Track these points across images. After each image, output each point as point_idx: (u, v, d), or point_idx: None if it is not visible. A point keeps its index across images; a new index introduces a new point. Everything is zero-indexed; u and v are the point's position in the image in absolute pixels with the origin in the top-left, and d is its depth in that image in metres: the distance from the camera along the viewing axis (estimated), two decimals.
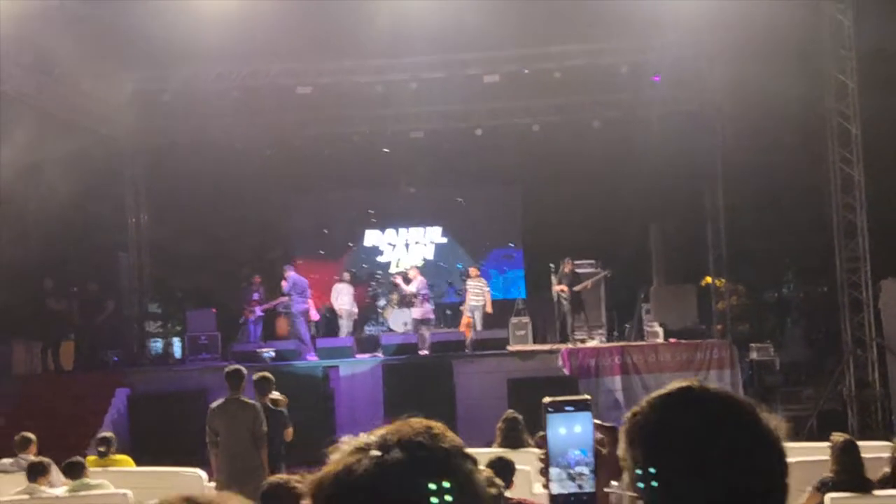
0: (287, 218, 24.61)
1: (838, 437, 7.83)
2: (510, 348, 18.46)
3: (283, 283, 19.56)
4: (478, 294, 19.90)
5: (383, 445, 1.48)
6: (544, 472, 1.89)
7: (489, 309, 19.82)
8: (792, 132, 18.51)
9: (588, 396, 1.89)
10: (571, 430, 1.88)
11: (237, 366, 10.84)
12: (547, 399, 1.92)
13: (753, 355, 18.96)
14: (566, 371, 17.17)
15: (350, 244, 24.18)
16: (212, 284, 22.85)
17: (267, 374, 11.07)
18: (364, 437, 1.50)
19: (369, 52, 17.54)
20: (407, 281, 20.03)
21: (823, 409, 16.01)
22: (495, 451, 8.22)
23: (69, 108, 18.84)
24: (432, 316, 19.84)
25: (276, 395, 11.28)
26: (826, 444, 7.90)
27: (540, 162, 22.08)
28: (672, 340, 18.22)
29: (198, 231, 22.87)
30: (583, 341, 18.85)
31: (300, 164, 22.60)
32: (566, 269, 19.46)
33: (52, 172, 18.74)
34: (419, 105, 20.00)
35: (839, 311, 16.41)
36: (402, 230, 24.24)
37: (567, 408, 1.90)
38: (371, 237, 24.27)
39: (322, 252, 23.86)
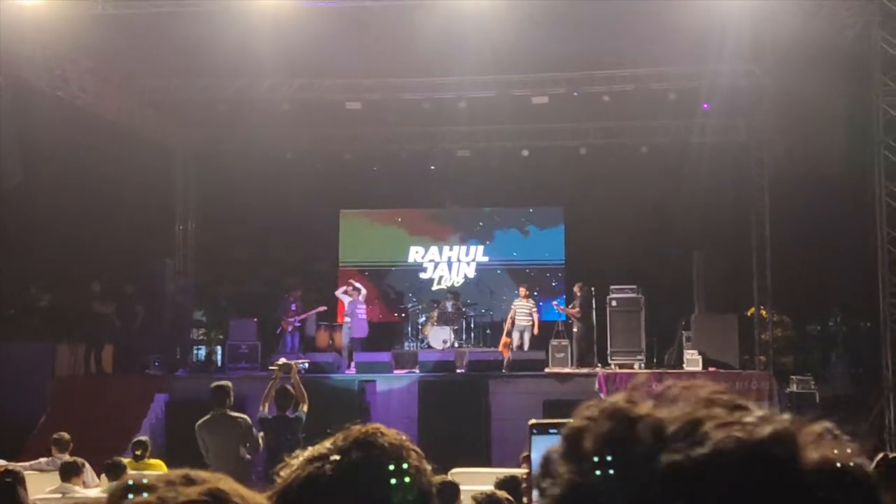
0: (334, 230, 24.69)
1: None
2: (548, 370, 18.41)
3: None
4: (526, 314, 19.93)
5: (341, 450, 1.57)
6: (527, 492, 1.91)
7: (536, 330, 19.84)
8: (839, 164, 18.30)
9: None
10: None
11: (223, 381, 10.84)
12: (532, 421, 1.93)
13: (793, 388, 18.72)
14: (602, 395, 17.01)
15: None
16: (256, 293, 23.02)
17: (286, 386, 11.03)
18: (316, 448, 1.56)
19: (419, 69, 17.64)
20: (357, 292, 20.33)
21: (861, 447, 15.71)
22: (513, 471, 8.16)
23: (125, 115, 19.13)
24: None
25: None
26: None
27: (585, 185, 22.06)
28: (711, 369, 18.04)
29: (245, 240, 23.12)
30: (621, 366, 18.76)
31: (349, 177, 22.74)
32: (577, 293, 19.69)
33: (104, 177, 19.05)
34: (467, 124, 20.06)
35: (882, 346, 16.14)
36: (445, 248, 24.26)
37: (551, 430, 1.91)
38: (414, 253, 24.31)
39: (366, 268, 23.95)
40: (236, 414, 10.44)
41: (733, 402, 0.98)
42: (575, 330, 19.58)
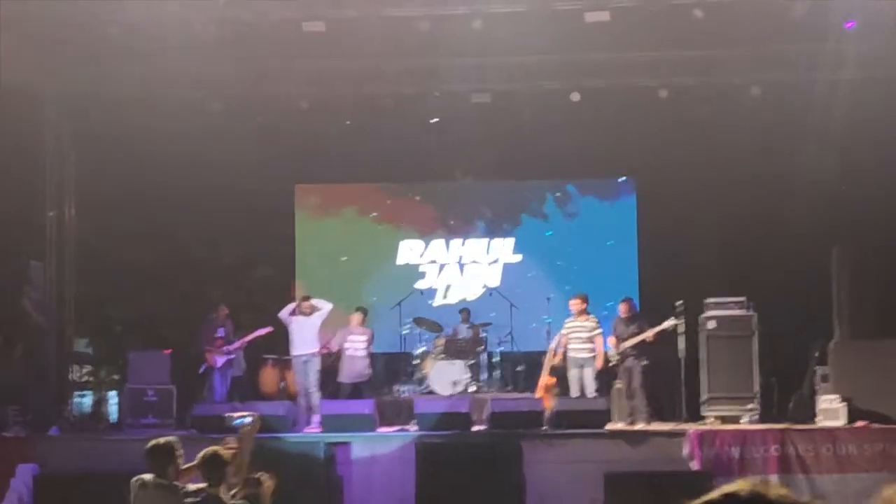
0: (287, 216, 24.66)
1: None
2: (611, 427, 18.39)
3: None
4: (584, 342, 19.72)
5: None
6: None
7: (600, 362, 19.63)
8: None
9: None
10: None
11: (166, 439, 10.84)
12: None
13: None
14: (695, 464, 17.07)
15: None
16: (167, 313, 22.98)
17: (217, 449, 10.98)
18: None
19: None
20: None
21: None
22: None
23: None
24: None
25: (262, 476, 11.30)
26: None
27: (666, 145, 22.04)
28: (860, 424, 18.02)
29: (149, 233, 23.00)
30: (724, 419, 18.75)
31: (308, 138, 22.68)
32: (621, 313, 19.68)
33: None
34: (485, 54, 20.05)
35: None
36: (453, 243, 24.24)
37: None
38: (407, 251, 24.26)
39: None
40: (181, 486, 10.49)
41: None
42: (644, 363, 19.28)
